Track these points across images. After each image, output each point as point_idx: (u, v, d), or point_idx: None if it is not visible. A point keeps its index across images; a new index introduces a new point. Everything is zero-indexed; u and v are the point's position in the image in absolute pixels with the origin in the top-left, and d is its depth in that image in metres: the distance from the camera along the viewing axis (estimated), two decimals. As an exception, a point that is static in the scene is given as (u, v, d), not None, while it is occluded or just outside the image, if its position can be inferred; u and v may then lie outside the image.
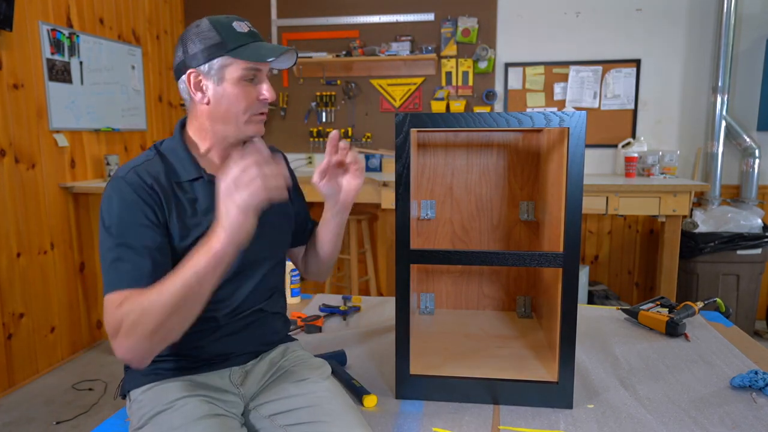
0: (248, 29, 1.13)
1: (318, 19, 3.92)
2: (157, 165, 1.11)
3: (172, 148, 1.15)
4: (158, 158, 1.13)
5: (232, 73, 1.10)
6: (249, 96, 1.12)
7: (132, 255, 1.01)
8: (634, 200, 3.03)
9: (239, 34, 1.11)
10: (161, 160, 1.13)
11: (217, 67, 1.10)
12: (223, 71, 1.10)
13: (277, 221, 1.25)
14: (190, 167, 1.13)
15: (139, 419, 1.09)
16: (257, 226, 1.17)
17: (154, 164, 1.11)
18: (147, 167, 1.10)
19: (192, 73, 1.11)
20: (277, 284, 1.29)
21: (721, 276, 3.27)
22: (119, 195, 1.05)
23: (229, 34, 1.10)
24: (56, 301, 3.04)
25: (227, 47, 1.09)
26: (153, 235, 1.04)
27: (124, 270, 1.00)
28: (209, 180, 1.13)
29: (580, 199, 1.19)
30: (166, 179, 1.10)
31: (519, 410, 1.27)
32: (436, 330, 1.64)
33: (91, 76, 3.25)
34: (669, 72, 3.58)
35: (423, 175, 1.74)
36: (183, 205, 1.10)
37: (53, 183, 3.01)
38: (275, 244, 1.26)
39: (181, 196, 1.11)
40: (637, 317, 1.82)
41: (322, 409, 1.10)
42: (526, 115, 1.19)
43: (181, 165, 1.13)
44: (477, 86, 3.79)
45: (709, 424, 1.20)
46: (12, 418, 2.48)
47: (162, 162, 1.12)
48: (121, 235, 1.02)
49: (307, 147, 4.06)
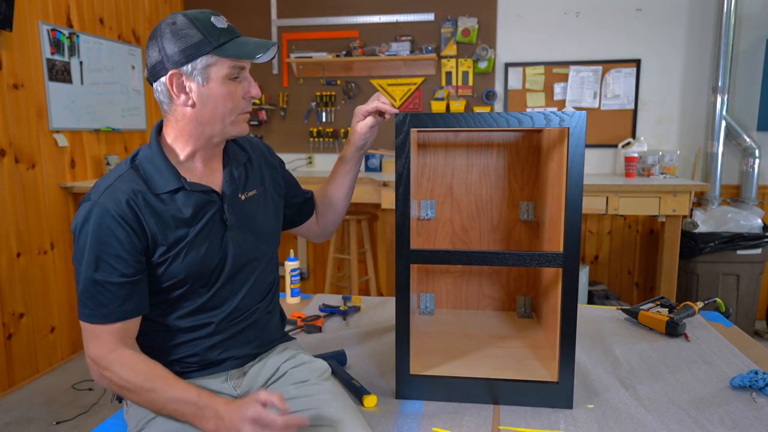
0: (227, 24, 1.07)
1: (318, 19, 3.92)
2: (132, 180, 1.05)
3: (150, 157, 1.09)
4: (133, 172, 1.07)
5: (217, 73, 1.05)
6: (236, 95, 1.08)
7: (102, 290, 1.02)
8: (634, 200, 3.03)
9: (220, 30, 1.04)
10: (136, 174, 1.07)
11: (200, 67, 1.03)
12: (207, 71, 1.04)
13: (266, 222, 1.23)
14: (170, 177, 1.07)
15: (137, 423, 1.09)
16: (247, 231, 1.18)
17: (128, 180, 1.05)
18: (121, 185, 1.04)
19: (173, 75, 1.03)
20: (271, 282, 1.28)
21: (721, 276, 3.27)
22: (91, 222, 1.01)
23: (210, 31, 1.03)
24: (56, 301, 3.04)
25: (211, 45, 1.03)
26: (125, 266, 1.02)
27: (94, 304, 1.03)
28: (191, 190, 1.09)
29: (580, 199, 1.19)
30: (144, 194, 1.05)
31: (519, 410, 1.27)
32: (436, 330, 1.64)
33: (91, 76, 3.25)
34: (669, 72, 3.58)
35: (423, 175, 1.74)
36: (164, 219, 1.06)
37: (53, 183, 3.01)
38: (266, 244, 1.24)
39: (160, 209, 1.06)
40: (637, 317, 1.82)
41: (322, 411, 1.09)
42: (526, 115, 1.19)
43: (160, 175, 1.07)
44: (477, 86, 3.79)
45: (709, 424, 1.20)
46: (12, 418, 2.48)
47: (137, 175, 1.06)
48: (93, 267, 1.01)
49: (307, 147, 4.05)
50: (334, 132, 3.99)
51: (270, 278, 1.27)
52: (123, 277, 1.02)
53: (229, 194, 1.15)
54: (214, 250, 1.11)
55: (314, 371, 1.21)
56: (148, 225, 1.04)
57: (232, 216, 1.15)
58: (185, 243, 1.07)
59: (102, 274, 1.01)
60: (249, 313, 1.20)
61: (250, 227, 1.18)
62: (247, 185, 1.21)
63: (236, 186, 1.17)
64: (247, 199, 1.19)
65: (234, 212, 1.15)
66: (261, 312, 1.23)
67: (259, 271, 1.22)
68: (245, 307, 1.19)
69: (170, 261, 1.06)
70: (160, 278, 1.07)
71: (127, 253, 1.02)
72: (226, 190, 1.15)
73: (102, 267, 1.01)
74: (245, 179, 1.21)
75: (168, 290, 1.09)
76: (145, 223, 1.04)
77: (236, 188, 1.17)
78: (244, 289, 1.18)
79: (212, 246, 1.11)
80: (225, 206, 1.14)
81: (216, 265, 1.12)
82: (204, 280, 1.12)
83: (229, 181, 1.16)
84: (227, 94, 1.07)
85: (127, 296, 1.03)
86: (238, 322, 1.18)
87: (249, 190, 1.20)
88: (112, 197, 1.02)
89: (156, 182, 1.07)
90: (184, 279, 1.08)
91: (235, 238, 1.15)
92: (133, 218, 1.02)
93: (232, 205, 1.15)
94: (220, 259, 1.13)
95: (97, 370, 1.04)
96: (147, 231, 1.04)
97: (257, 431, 0.94)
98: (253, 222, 1.19)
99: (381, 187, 3.27)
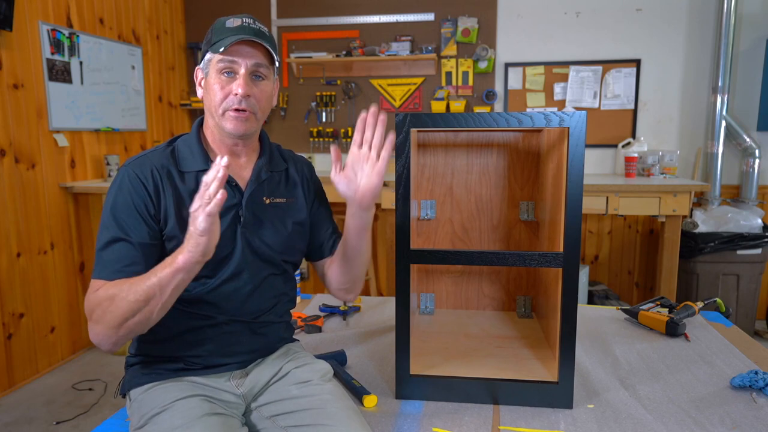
0: (239, 24, 1.13)
1: (318, 19, 3.92)
2: (163, 156, 1.14)
3: (186, 140, 1.19)
4: (168, 149, 1.16)
5: (213, 66, 1.14)
6: (223, 89, 1.13)
7: (118, 246, 1.05)
8: (634, 200, 3.03)
9: (226, 29, 1.13)
10: (171, 152, 1.16)
11: (205, 62, 1.16)
12: (208, 65, 1.15)
13: (284, 231, 1.23)
14: (199, 159, 1.15)
15: (140, 419, 1.09)
16: (261, 233, 1.17)
17: (161, 155, 1.14)
18: (152, 157, 1.13)
19: (198, 69, 1.20)
20: (285, 291, 1.27)
21: (721, 276, 3.27)
22: (119, 183, 1.09)
23: (219, 30, 1.14)
24: (56, 301, 3.04)
25: (211, 42, 1.14)
26: (141, 227, 1.07)
27: (108, 260, 1.05)
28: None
29: (580, 199, 1.19)
30: (170, 169, 1.13)
31: (519, 410, 1.27)
32: (436, 330, 1.64)
33: (91, 76, 3.25)
34: (669, 72, 3.58)
35: (423, 175, 1.74)
36: (182, 196, 1.12)
37: (53, 183, 3.01)
38: (280, 253, 1.22)
39: (181, 187, 1.12)
40: (637, 317, 1.82)
41: (324, 411, 1.10)
42: (526, 115, 1.19)
43: (191, 156, 1.16)
44: (477, 86, 3.79)
45: (709, 424, 1.20)
46: (12, 418, 2.48)
47: (170, 153, 1.15)
48: (112, 224, 1.06)
49: (307, 147, 4.05)
50: (334, 132, 3.99)
51: (282, 288, 1.26)
52: (137, 238, 1.06)
53: (250, 192, 1.18)
54: (223, 239, 1.11)
55: (316, 372, 1.22)
56: (165, 196, 1.10)
57: (249, 213, 1.17)
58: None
59: (119, 231, 1.06)
60: (254, 318, 1.20)
61: (266, 231, 1.20)
62: (276, 191, 1.23)
63: (262, 187, 1.21)
64: (272, 204, 1.22)
65: (251, 211, 1.18)
66: (268, 320, 1.23)
67: (269, 277, 1.21)
68: (251, 310, 1.19)
69: (178, 238, 1.07)
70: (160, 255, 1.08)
71: (143, 213, 1.08)
72: (249, 187, 1.18)
73: (120, 224, 1.06)
74: (276, 185, 1.24)
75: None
76: (162, 194, 1.10)
77: (261, 189, 1.20)
78: (250, 290, 1.18)
79: (223, 235, 1.11)
80: (243, 201, 1.17)
81: (223, 255, 1.13)
82: (209, 267, 1.10)
83: (254, 180, 1.20)
84: (217, 87, 1.14)
85: (136, 258, 1.05)
86: (243, 325, 1.18)
87: (277, 197, 1.23)
88: (140, 165, 1.11)
89: (185, 161, 1.15)
90: None
91: (247, 235, 1.16)
92: (153, 186, 1.10)
93: (251, 204, 1.18)
94: (227, 250, 1.14)
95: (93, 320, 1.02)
96: (162, 202, 1.10)
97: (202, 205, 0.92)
98: (271, 227, 1.21)
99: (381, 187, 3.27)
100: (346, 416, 1.09)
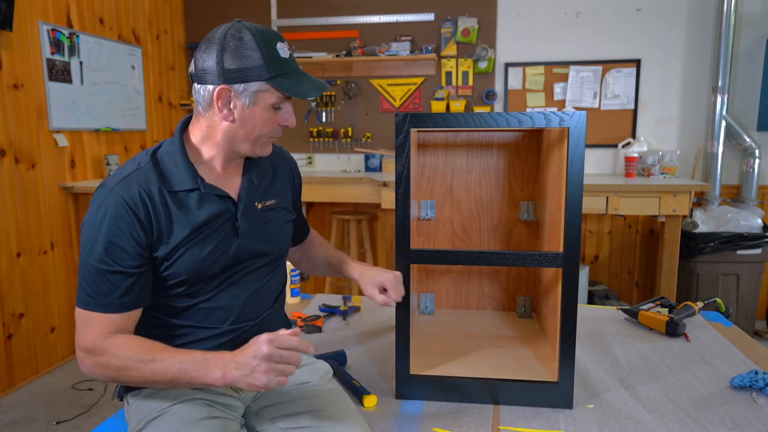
0: (289, 53, 1.08)
1: (318, 19, 3.92)
2: (149, 174, 1.06)
3: (171, 153, 1.09)
4: (151, 166, 1.07)
5: (266, 100, 1.06)
6: (274, 122, 1.09)
7: (104, 279, 1.01)
8: (634, 200, 3.03)
9: (282, 60, 1.05)
10: (154, 168, 1.07)
11: (252, 91, 1.04)
12: (257, 96, 1.05)
13: (278, 231, 1.23)
14: (187, 176, 1.07)
15: (138, 423, 1.08)
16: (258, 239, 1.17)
17: (146, 173, 1.05)
18: (138, 177, 1.04)
19: (223, 89, 1.04)
20: (280, 290, 1.28)
21: (721, 276, 3.27)
22: (105, 210, 1.01)
23: (273, 59, 1.04)
24: (56, 301, 3.04)
25: (269, 73, 1.03)
26: (130, 257, 1.02)
27: (95, 292, 1.01)
28: (206, 192, 1.08)
29: (580, 199, 1.19)
30: (159, 189, 1.05)
31: (519, 410, 1.27)
32: (436, 330, 1.64)
33: (91, 76, 3.25)
34: (669, 72, 3.58)
35: (423, 175, 1.74)
36: (173, 218, 1.06)
37: (53, 183, 3.01)
38: (276, 253, 1.23)
39: (172, 207, 1.06)
40: (637, 317, 1.82)
41: (324, 413, 1.09)
42: (526, 115, 1.19)
43: (178, 173, 1.07)
44: (477, 86, 3.79)
45: (709, 424, 1.20)
46: (12, 418, 2.48)
47: (155, 170, 1.07)
48: (100, 255, 1.01)
49: (307, 147, 4.05)
50: (334, 132, 3.99)
51: (279, 287, 1.26)
52: (127, 268, 1.02)
53: (244, 202, 1.14)
54: (220, 254, 1.10)
55: (316, 372, 1.22)
56: (157, 221, 1.04)
57: (245, 224, 1.14)
58: (191, 244, 1.06)
59: (106, 263, 1.01)
60: (256, 320, 1.19)
61: (261, 236, 1.17)
62: (267, 194, 1.20)
63: (254, 194, 1.17)
64: (264, 208, 1.19)
65: (247, 220, 1.14)
66: (268, 319, 1.22)
67: (267, 279, 1.21)
68: (252, 313, 1.18)
69: (174, 260, 1.06)
70: (162, 276, 1.07)
71: (133, 244, 1.02)
72: (243, 197, 1.14)
73: (107, 255, 1.01)
74: (266, 188, 1.21)
75: (171, 288, 1.09)
76: (154, 219, 1.04)
77: (253, 196, 1.17)
78: (251, 295, 1.17)
79: (218, 250, 1.10)
80: (238, 214, 1.13)
81: (221, 269, 1.11)
82: (208, 282, 1.11)
83: (247, 188, 1.15)
84: (267, 120, 1.08)
85: (128, 288, 1.02)
86: (245, 329, 1.17)
87: (268, 199, 1.20)
88: (127, 188, 1.02)
89: (172, 179, 1.07)
90: (187, 279, 1.08)
91: (244, 245, 1.14)
92: (144, 212, 1.02)
93: (246, 213, 1.15)
94: (225, 264, 1.11)
95: (91, 359, 1.01)
96: (154, 226, 1.04)
97: (273, 351, 0.94)
98: (266, 231, 1.18)
99: (381, 187, 3.27)
100: (345, 418, 1.08)
